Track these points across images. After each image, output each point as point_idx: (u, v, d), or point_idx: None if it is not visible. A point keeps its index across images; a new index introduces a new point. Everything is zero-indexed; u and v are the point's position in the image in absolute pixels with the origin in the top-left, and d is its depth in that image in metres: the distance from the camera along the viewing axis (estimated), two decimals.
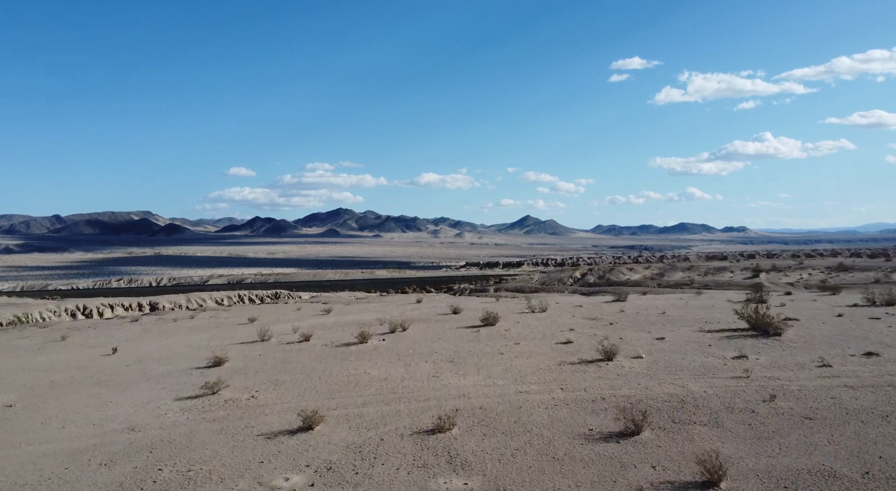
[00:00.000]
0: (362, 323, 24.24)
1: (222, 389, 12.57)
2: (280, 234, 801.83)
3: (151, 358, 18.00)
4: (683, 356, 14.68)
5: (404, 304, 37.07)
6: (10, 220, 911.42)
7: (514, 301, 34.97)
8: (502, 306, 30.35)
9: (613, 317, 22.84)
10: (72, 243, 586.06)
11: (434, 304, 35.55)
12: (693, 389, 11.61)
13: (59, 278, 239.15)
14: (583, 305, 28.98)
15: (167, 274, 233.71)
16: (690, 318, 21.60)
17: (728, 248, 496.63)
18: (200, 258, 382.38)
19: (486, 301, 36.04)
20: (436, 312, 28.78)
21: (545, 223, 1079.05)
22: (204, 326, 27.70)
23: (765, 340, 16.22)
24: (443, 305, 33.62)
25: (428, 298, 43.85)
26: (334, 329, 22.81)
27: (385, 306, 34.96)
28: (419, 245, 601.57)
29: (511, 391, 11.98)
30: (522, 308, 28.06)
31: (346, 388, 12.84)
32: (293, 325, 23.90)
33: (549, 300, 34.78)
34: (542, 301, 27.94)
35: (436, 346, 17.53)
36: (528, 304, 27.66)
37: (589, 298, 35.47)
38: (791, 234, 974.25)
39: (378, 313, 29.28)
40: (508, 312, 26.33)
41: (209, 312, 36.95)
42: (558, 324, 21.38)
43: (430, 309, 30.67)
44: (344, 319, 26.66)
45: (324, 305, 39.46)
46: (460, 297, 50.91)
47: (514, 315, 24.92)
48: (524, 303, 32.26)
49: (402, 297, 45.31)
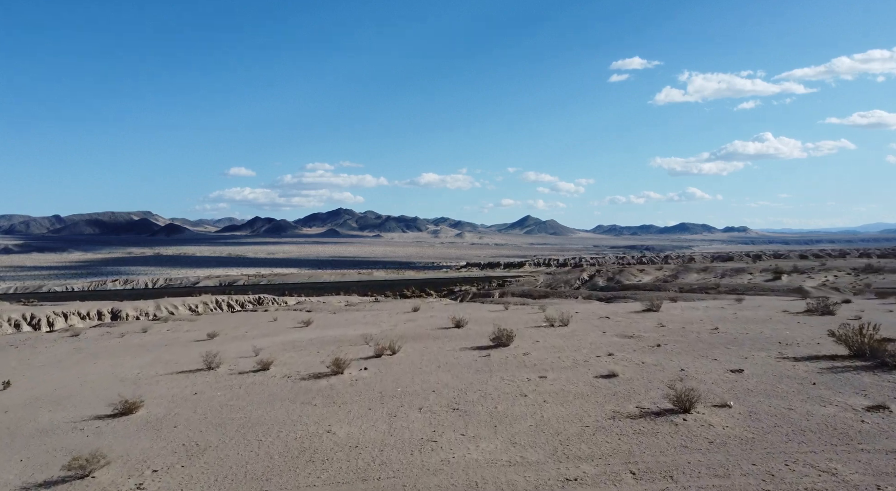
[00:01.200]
0: (344, 340, 19.82)
1: (98, 470, 8.10)
2: (280, 235, 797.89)
3: (48, 398, 13.50)
4: (788, 404, 10.21)
5: (398, 312, 32.64)
6: (10, 220, 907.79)
7: (525, 310, 30.50)
8: (513, 317, 25.90)
9: (655, 334, 18.36)
10: (71, 244, 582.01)
11: (432, 313, 31.11)
12: (848, 475, 7.16)
13: (55, 279, 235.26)
14: (609, 316, 24.49)
15: (165, 275, 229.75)
16: (755, 336, 17.13)
17: (730, 248, 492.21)
18: (199, 258, 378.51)
19: (493, 310, 31.58)
20: (434, 324, 24.33)
21: (545, 223, 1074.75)
22: (152, 344, 23.12)
23: (887, 374, 11.77)
24: (443, 314, 29.19)
25: (426, 305, 39.35)
26: (307, 350, 18.35)
27: (376, 316, 30.51)
28: (419, 245, 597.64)
29: (552, 477, 7.52)
30: (538, 320, 23.59)
31: (295, 463, 8.39)
32: (256, 345, 19.43)
33: (565, 308, 30.34)
34: (561, 313, 23.48)
35: (433, 380, 13.08)
36: (546, 316, 23.21)
37: (611, 306, 31.00)
38: (792, 235, 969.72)
39: (366, 326, 24.86)
40: (522, 326, 21.88)
41: (170, 324, 32.35)
42: (589, 344, 16.92)
43: (428, 320, 26.23)
44: (323, 335, 22.19)
45: (308, 313, 35.05)
46: (462, 303, 46.46)
47: (529, 330, 20.46)
48: (538, 312, 27.81)
49: (398, 303, 40.86)
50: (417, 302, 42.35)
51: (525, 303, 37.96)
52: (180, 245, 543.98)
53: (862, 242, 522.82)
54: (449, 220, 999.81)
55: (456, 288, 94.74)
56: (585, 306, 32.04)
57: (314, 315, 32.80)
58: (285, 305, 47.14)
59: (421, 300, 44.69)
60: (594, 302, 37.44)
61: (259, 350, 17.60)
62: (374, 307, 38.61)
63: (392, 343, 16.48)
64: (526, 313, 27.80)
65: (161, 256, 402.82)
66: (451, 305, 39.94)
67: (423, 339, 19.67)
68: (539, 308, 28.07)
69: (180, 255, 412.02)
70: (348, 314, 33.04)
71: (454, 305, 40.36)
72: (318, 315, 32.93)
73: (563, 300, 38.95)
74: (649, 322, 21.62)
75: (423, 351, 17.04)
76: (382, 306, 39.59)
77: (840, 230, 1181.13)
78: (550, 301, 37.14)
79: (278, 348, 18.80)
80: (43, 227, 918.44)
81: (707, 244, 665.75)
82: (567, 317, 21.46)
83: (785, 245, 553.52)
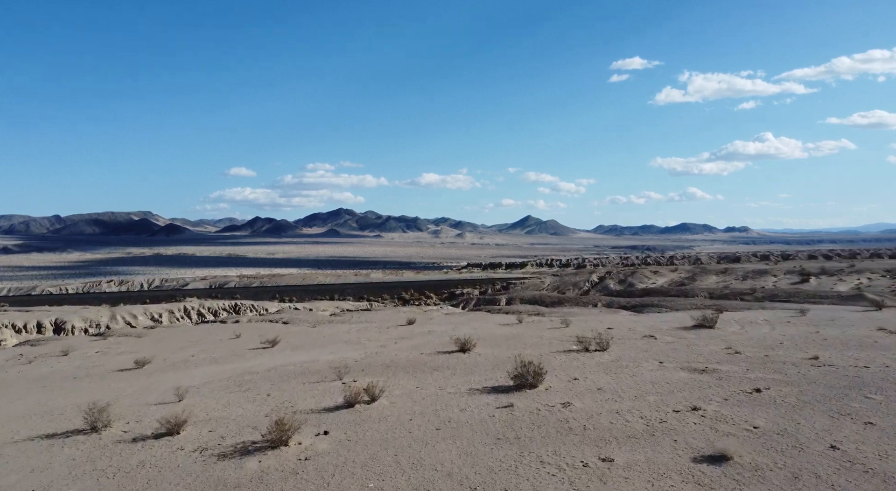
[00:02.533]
0: (311, 373, 14.85)
1: None
2: (280, 235, 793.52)
3: None
4: None
5: (391, 325, 27.62)
6: (10, 220, 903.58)
7: (543, 323, 25.42)
8: (530, 333, 20.91)
9: (735, 367, 13.36)
10: (71, 244, 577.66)
11: (431, 326, 26.09)
12: None
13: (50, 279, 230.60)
14: (653, 333, 19.45)
15: (162, 275, 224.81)
16: (882, 372, 12.16)
17: (731, 248, 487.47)
18: (199, 258, 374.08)
19: (504, 322, 26.53)
20: (433, 344, 19.36)
21: (546, 223, 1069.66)
22: (56, 377, 17.76)
23: None
24: (443, 328, 24.20)
25: (423, 315, 34.19)
26: (254, 391, 13.32)
27: (363, 331, 25.46)
28: (420, 245, 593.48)
29: None
30: (564, 339, 18.60)
31: None
32: (187, 381, 14.41)
33: (591, 321, 25.29)
34: (595, 331, 18.49)
35: (430, 463, 8.09)
36: (574, 334, 18.26)
37: (645, 318, 25.94)
38: (793, 235, 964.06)
39: (347, 346, 19.91)
40: (547, 349, 16.91)
41: (110, 342, 26.86)
42: (650, 384, 11.93)
43: (425, 338, 21.26)
44: (287, 363, 17.17)
45: (283, 325, 30.03)
46: (465, 310, 41.38)
47: (558, 358, 15.47)
48: (559, 326, 22.80)
49: (391, 314, 35.73)
50: (414, 311, 37.02)
51: (538, 312, 32.91)
52: (180, 245, 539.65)
53: (864, 243, 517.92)
54: (449, 221, 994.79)
55: (457, 291, 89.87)
56: (613, 318, 27.00)
57: (289, 329, 27.73)
58: (265, 312, 41.80)
59: (418, 309, 39.33)
60: (620, 312, 32.33)
61: (185, 392, 12.58)
62: (364, 318, 33.47)
63: (372, 386, 11.49)
64: (545, 328, 22.75)
65: (161, 256, 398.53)
66: (452, 315, 34.83)
67: (416, 370, 14.69)
68: (561, 321, 23.01)
69: (179, 255, 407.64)
70: (330, 328, 27.96)
71: (456, 314, 35.26)
72: (293, 329, 27.83)
73: (582, 309, 33.82)
74: (713, 344, 16.64)
75: (414, 395, 12.06)
76: (373, 316, 34.44)
77: (841, 230, 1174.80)
78: (568, 311, 32.05)
79: (217, 387, 13.79)
80: (43, 227, 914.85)
81: (708, 244, 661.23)
82: (605, 339, 16.47)
83: (786, 245, 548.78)
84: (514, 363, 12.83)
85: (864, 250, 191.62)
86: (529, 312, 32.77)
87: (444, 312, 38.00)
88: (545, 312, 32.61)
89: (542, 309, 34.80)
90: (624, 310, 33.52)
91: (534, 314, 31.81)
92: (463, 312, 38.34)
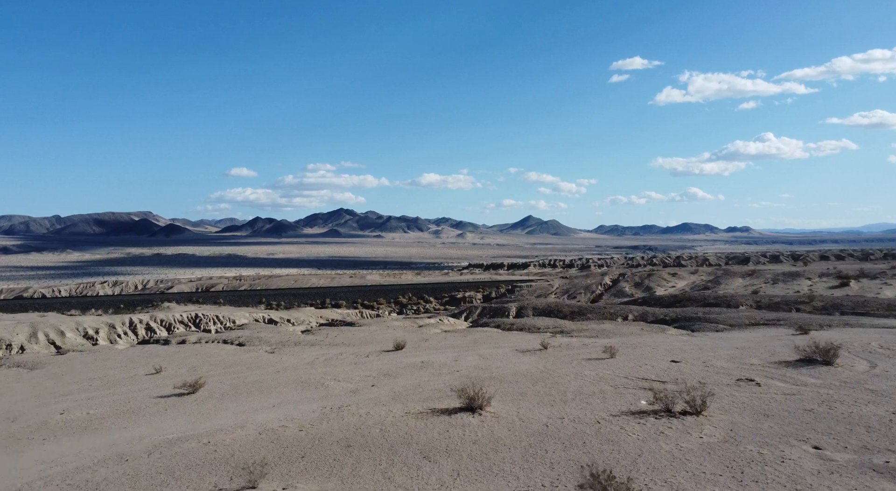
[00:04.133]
0: (213, 464, 8.72)
1: None
2: (281, 235, 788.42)
3: None
4: None
5: (371, 353, 21.34)
6: (10, 220, 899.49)
7: (574, 347, 19.19)
8: (565, 370, 14.73)
9: None
10: (70, 244, 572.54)
11: (426, 353, 19.86)
12: None
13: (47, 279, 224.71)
14: (749, 375, 13.24)
15: (160, 275, 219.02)
16: None
17: (733, 248, 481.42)
18: (198, 258, 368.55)
19: (522, 346, 20.23)
20: (425, 392, 13.18)
21: (547, 223, 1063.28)
22: None
23: None
24: (442, 358, 18.00)
25: (417, 334, 27.88)
26: None
27: (333, 361, 19.18)
28: (421, 245, 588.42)
29: None
30: (619, 382, 12.43)
31: None
32: None
33: (636, 343, 19.08)
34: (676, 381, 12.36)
35: None
36: (654, 391, 12.19)
37: (704, 341, 19.65)
38: (795, 235, 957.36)
39: (298, 396, 13.77)
40: (602, 408, 10.77)
41: None
42: None
43: (416, 376, 15.09)
44: (191, 433, 10.89)
45: (237, 349, 23.85)
46: (468, 325, 35.01)
47: (631, 430, 9.32)
48: (601, 355, 16.59)
49: (377, 332, 28.78)
50: (407, 327, 31.24)
51: (560, 328, 26.42)
52: (180, 245, 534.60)
53: (866, 243, 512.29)
54: (450, 221, 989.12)
55: (459, 294, 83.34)
56: (663, 340, 20.68)
57: (238, 357, 21.30)
58: (231, 325, 34.86)
59: (412, 323, 32.47)
60: (666, 329, 25.76)
61: None
62: (342, 338, 26.82)
63: None
64: (581, 359, 16.48)
65: (160, 256, 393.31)
66: (453, 333, 28.31)
67: (393, 460, 8.54)
68: (603, 350, 16.70)
69: (179, 255, 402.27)
70: (293, 355, 21.52)
71: (458, 332, 28.65)
72: (243, 357, 21.41)
73: (613, 325, 26.98)
74: (872, 401, 10.47)
75: None
76: (355, 336, 27.68)
77: (843, 230, 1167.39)
78: (599, 328, 25.35)
79: None
80: (43, 227, 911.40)
81: (710, 244, 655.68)
82: (689, 387, 10.34)
83: (789, 245, 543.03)
84: (564, 457, 6.69)
85: (877, 251, 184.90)
86: (550, 329, 26.29)
87: (444, 327, 31.50)
88: (569, 328, 26.15)
89: (564, 323, 28.32)
90: (664, 325, 26.97)
91: (557, 332, 25.34)
92: (466, 328, 31.84)
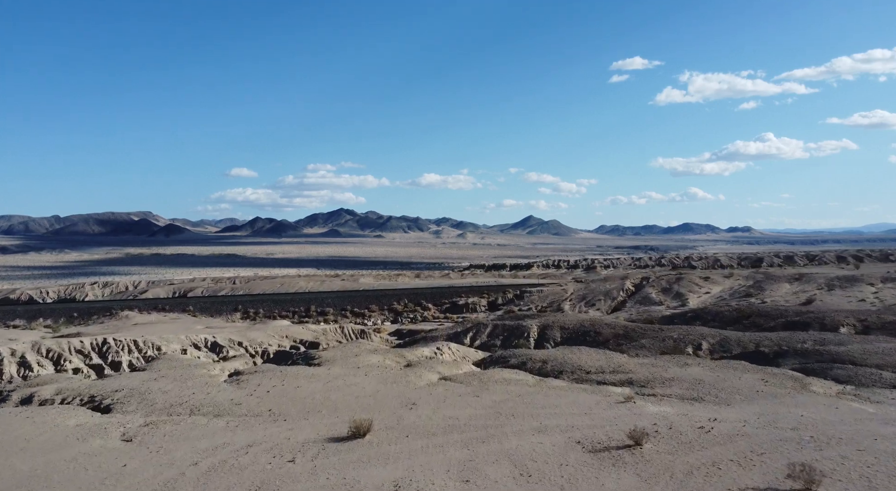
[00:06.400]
0: None
1: None
2: (281, 235, 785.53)
3: None
4: None
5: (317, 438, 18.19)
6: (10, 220, 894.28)
7: (691, 445, 15.97)
8: None
9: None
10: (69, 244, 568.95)
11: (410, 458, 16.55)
12: None
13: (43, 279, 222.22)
14: None
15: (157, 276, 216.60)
16: None
17: (734, 248, 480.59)
18: (197, 258, 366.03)
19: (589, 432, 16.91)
20: None
21: (548, 223, 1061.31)
22: None
23: None
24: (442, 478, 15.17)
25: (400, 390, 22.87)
26: None
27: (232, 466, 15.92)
28: (421, 245, 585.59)
29: None
30: None
31: None
32: None
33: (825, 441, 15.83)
34: None
35: None
36: None
37: None
38: (796, 235, 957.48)
39: None
40: None
41: None
42: None
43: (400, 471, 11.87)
44: None
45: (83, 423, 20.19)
46: (483, 363, 29.99)
47: None
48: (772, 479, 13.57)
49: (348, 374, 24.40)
50: (387, 367, 25.42)
51: (626, 376, 21.28)
52: (179, 245, 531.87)
53: (868, 243, 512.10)
54: (451, 221, 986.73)
55: (461, 301, 79.39)
56: (842, 418, 17.10)
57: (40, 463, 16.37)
58: (155, 353, 29.15)
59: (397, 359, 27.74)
60: (810, 384, 21.06)
61: None
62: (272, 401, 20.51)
63: None
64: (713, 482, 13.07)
65: (159, 256, 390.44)
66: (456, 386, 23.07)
67: None
68: (788, 476, 12.80)
69: (178, 255, 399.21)
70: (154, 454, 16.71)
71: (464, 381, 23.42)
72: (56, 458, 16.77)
73: (700, 368, 21.85)
74: None
75: None
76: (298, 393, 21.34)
77: (844, 230, 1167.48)
78: (684, 374, 20.43)
79: None
80: (42, 227, 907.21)
81: (712, 244, 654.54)
82: None
83: (791, 245, 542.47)
84: None
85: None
86: (607, 374, 20.91)
87: (444, 364, 26.77)
88: (635, 371, 20.56)
89: (620, 360, 23.43)
90: (768, 365, 21.61)
91: (623, 383, 20.44)
92: (474, 365, 27.32)
